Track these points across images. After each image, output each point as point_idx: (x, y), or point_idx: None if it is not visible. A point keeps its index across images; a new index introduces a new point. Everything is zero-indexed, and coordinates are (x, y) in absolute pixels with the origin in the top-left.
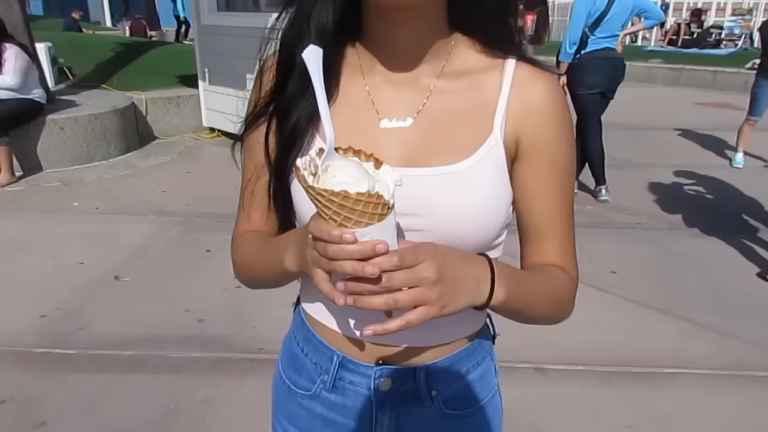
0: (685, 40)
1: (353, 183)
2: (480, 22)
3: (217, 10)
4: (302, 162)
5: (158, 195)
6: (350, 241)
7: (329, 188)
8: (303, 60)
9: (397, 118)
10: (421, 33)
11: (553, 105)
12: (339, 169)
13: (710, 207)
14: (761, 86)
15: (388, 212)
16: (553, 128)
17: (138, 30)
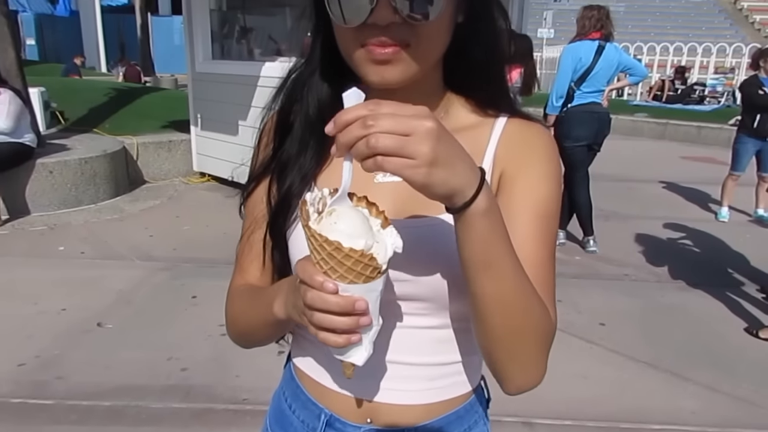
0: (670, 95)
1: (350, 236)
2: (473, 84)
3: (212, 58)
4: (311, 197)
5: (145, 239)
6: (330, 290)
7: (324, 234)
8: (343, 99)
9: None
10: (416, 96)
11: (538, 145)
12: (342, 217)
13: (696, 260)
14: (742, 142)
15: (377, 276)
16: (537, 167)
17: (132, 76)
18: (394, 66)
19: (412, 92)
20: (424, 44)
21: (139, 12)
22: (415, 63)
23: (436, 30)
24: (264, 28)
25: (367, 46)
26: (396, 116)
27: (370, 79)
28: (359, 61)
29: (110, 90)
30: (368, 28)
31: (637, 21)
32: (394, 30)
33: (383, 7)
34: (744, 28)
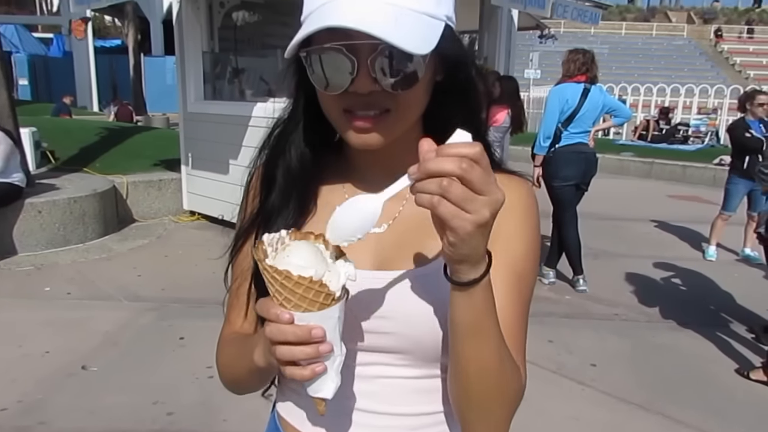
0: (655, 135)
1: (301, 266)
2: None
3: (204, 98)
4: (269, 237)
5: (133, 279)
6: (285, 320)
7: (273, 265)
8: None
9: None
10: (396, 155)
11: (517, 202)
12: (294, 250)
13: (686, 299)
14: (734, 183)
15: (332, 303)
16: (514, 222)
17: (124, 115)
18: (375, 132)
19: (394, 149)
20: (403, 110)
21: (132, 53)
22: (395, 127)
23: (415, 96)
24: (255, 69)
25: (348, 114)
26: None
27: (352, 142)
28: (341, 125)
29: (101, 129)
30: (349, 95)
31: (621, 62)
32: (374, 97)
33: (363, 77)
34: (725, 69)
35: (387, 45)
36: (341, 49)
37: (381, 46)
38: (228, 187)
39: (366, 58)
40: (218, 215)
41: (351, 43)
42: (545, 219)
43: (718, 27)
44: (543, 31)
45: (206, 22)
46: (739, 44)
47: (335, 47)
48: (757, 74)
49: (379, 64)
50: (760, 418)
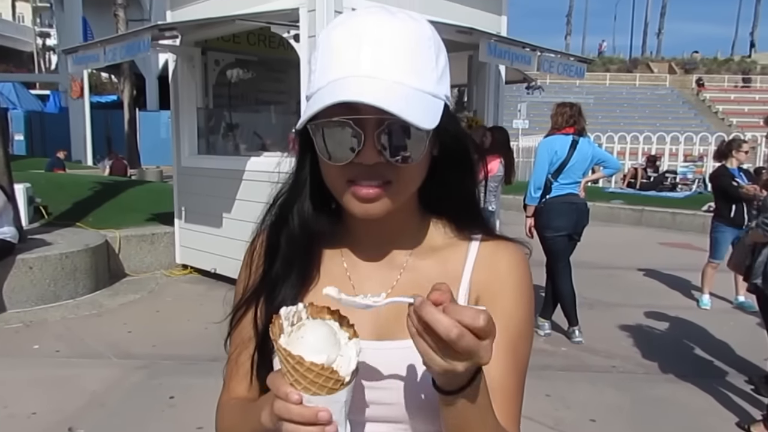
0: (643, 183)
1: (314, 350)
2: (447, 207)
3: (198, 153)
4: (286, 312)
5: (123, 336)
6: (294, 400)
7: (288, 348)
8: None
9: (372, 294)
10: (395, 224)
11: (512, 271)
12: (310, 331)
13: (683, 350)
14: (720, 231)
15: (340, 388)
16: (510, 291)
17: (118, 169)
18: (377, 202)
19: (393, 218)
20: (404, 181)
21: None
22: (397, 198)
23: (416, 169)
24: (249, 124)
25: (351, 184)
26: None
27: (354, 212)
28: (344, 196)
29: (95, 184)
30: (354, 166)
31: (607, 112)
32: (378, 168)
33: (369, 149)
34: (708, 117)
35: (394, 120)
36: (349, 122)
37: (387, 120)
38: (221, 240)
39: (372, 131)
40: (211, 269)
41: (359, 118)
42: (539, 269)
43: (699, 77)
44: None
45: (201, 79)
46: (720, 92)
47: (343, 120)
48: (739, 121)
49: (385, 138)
50: None
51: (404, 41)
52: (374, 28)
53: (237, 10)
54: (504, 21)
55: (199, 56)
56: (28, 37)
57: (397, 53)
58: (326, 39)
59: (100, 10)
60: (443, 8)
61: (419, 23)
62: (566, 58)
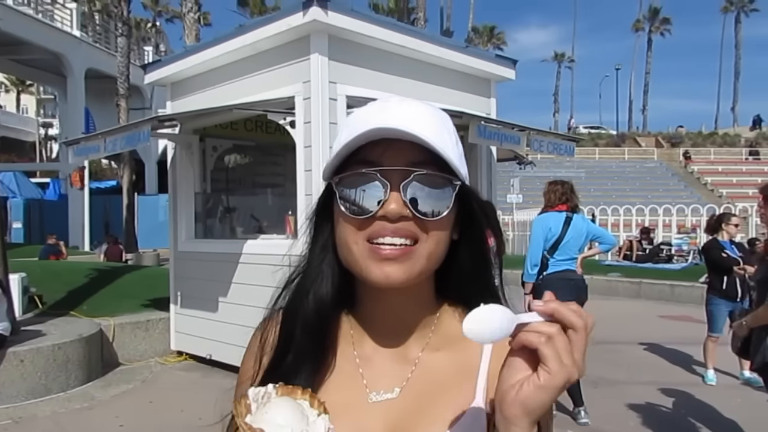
0: (639, 255)
1: (278, 425)
2: (466, 292)
3: (195, 237)
4: (254, 392)
5: (115, 430)
6: None
7: (248, 423)
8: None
9: (385, 390)
10: (409, 308)
11: None
12: (274, 407)
13: (692, 429)
14: (715, 304)
15: None
16: None
17: (114, 255)
18: (399, 264)
19: (408, 300)
20: (430, 243)
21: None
22: (421, 261)
23: (442, 230)
24: (246, 207)
25: (372, 246)
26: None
27: (373, 277)
28: (362, 257)
29: (90, 271)
30: (376, 224)
31: (598, 185)
32: (403, 225)
33: (394, 200)
34: (698, 189)
35: (421, 172)
36: (375, 173)
37: (414, 172)
38: (217, 325)
39: (398, 182)
40: (206, 355)
41: (385, 169)
42: None
43: (686, 150)
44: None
45: (199, 165)
46: (707, 164)
47: (369, 171)
48: (729, 192)
49: (412, 190)
50: None
51: (429, 116)
52: (400, 102)
53: (235, 99)
54: (493, 103)
55: (198, 143)
56: (30, 127)
57: (424, 122)
58: (350, 117)
59: (102, 99)
60: (435, 93)
61: (440, 110)
62: (555, 137)
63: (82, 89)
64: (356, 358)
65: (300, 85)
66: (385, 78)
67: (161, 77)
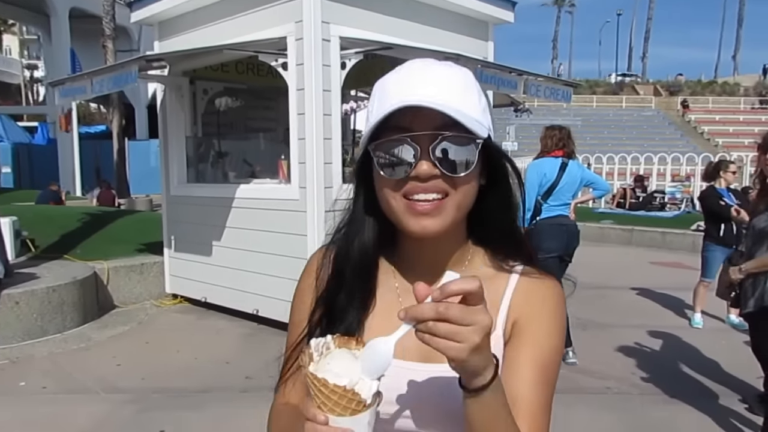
0: (632, 203)
1: (336, 374)
2: (492, 236)
3: (187, 181)
4: (315, 343)
5: (112, 369)
6: (320, 421)
7: (314, 373)
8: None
9: None
10: (444, 249)
11: (547, 302)
12: (335, 358)
13: (676, 370)
14: (711, 250)
15: (363, 409)
16: (543, 320)
17: (106, 199)
18: (433, 217)
19: (443, 243)
20: (458, 195)
21: (117, 137)
22: (452, 212)
23: (468, 183)
24: (238, 152)
25: (408, 201)
26: (463, 309)
27: (411, 228)
28: (400, 212)
29: (83, 215)
30: (410, 181)
31: (595, 133)
32: (434, 183)
33: (424, 162)
34: (694, 138)
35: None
36: (406, 139)
37: (441, 135)
38: (211, 268)
39: (427, 145)
40: (201, 297)
41: (414, 134)
42: None
43: (684, 98)
44: (518, 106)
45: (190, 109)
46: (705, 113)
47: (400, 137)
48: (725, 141)
49: (440, 151)
50: None
51: (452, 80)
52: (424, 69)
53: (225, 39)
54: (491, 47)
55: (188, 86)
56: (15, 69)
57: (446, 87)
58: (380, 86)
59: (88, 41)
60: (432, 35)
61: (462, 69)
62: (553, 82)
63: (66, 29)
64: (397, 289)
65: (292, 25)
66: (381, 19)
67: (148, 15)
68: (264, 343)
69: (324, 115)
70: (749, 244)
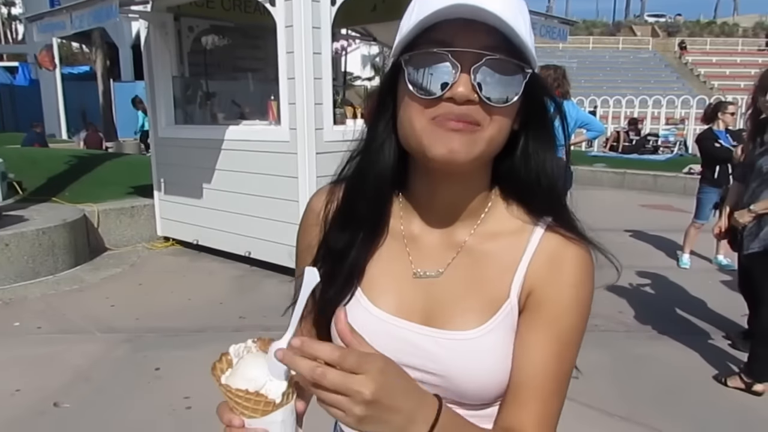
0: (625, 146)
1: (246, 378)
2: (523, 185)
3: (175, 123)
4: (235, 348)
5: (106, 310)
6: (236, 425)
7: (222, 381)
8: (304, 274)
9: (428, 270)
10: (461, 194)
11: (571, 271)
12: (248, 363)
13: (663, 308)
14: (705, 192)
15: (274, 409)
16: (565, 293)
17: (93, 142)
18: (463, 138)
19: (463, 185)
20: (493, 128)
21: (101, 79)
22: (482, 145)
23: (507, 117)
24: (227, 93)
25: (437, 120)
26: (339, 376)
27: (436, 151)
28: (426, 133)
29: (70, 158)
30: (442, 105)
31: (590, 76)
32: (468, 110)
33: (463, 83)
34: (690, 81)
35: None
36: (446, 53)
37: (486, 56)
38: (202, 211)
39: (470, 65)
40: (193, 240)
41: (456, 50)
42: None
43: (681, 40)
44: None
45: (175, 47)
46: (702, 56)
47: (440, 51)
48: (721, 84)
49: (482, 74)
50: (739, 425)
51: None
52: None
53: None
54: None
55: (172, 22)
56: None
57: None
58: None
59: None
60: None
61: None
62: (549, 20)
63: None
64: (404, 237)
65: None
66: None
67: None
68: (257, 285)
69: (314, 54)
70: (754, 186)
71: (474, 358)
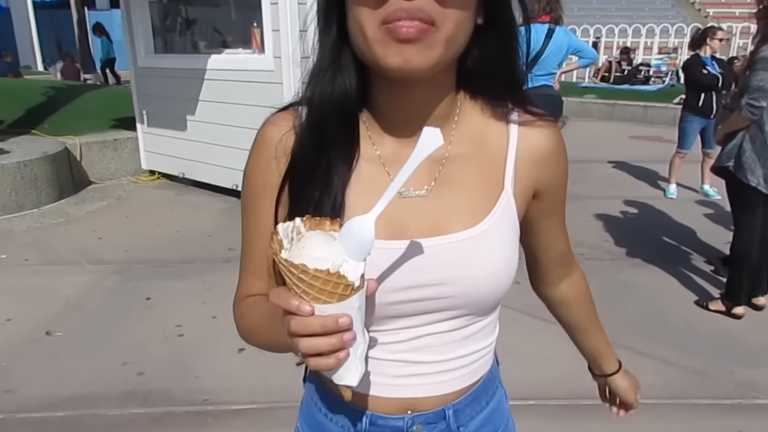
0: (617, 77)
1: (316, 258)
2: (488, 81)
3: (155, 52)
4: (283, 228)
5: (94, 242)
6: (306, 312)
7: (289, 259)
8: (424, 132)
9: (415, 188)
10: (428, 101)
11: (557, 153)
12: (310, 241)
13: (648, 237)
14: (688, 121)
15: (351, 293)
16: (562, 174)
17: (71, 73)
18: (417, 47)
19: (426, 93)
20: (449, 26)
21: (75, 7)
22: (440, 48)
23: (465, 11)
24: (208, 20)
25: (389, 25)
26: None
27: (390, 61)
28: (378, 43)
29: (48, 89)
30: (391, 2)
31: (583, 4)
32: (419, 6)
33: None
34: (685, 8)
35: None
36: None
37: None
38: (186, 143)
39: None
40: (179, 173)
41: None
42: None
43: None
44: None
45: None
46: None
47: None
48: (716, 12)
49: None
50: (719, 346)
51: None
52: None
53: None
54: None
55: None
56: None
57: None
58: None
59: None
60: None
61: None
62: None
63: None
64: (380, 159)
65: None
66: None
67: None
68: None
69: None
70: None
71: (483, 253)
